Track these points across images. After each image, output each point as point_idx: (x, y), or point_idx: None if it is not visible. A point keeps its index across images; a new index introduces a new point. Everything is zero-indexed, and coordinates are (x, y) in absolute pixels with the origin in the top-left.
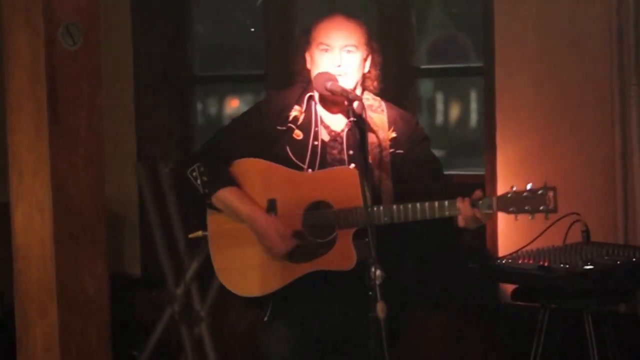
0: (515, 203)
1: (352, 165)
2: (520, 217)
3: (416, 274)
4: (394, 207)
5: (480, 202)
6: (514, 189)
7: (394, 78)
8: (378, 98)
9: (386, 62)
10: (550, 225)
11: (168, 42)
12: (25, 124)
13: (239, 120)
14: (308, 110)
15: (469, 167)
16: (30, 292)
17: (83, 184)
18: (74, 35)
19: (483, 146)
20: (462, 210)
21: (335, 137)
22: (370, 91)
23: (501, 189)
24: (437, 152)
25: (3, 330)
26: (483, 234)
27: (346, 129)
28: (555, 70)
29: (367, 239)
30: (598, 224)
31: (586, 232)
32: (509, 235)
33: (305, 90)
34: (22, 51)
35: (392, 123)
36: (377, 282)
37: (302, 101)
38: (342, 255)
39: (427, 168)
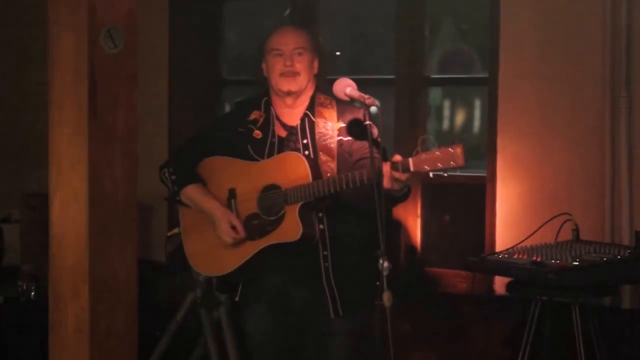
0: (428, 162)
1: (307, 152)
2: (515, 215)
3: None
4: (330, 179)
5: (400, 164)
6: (425, 149)
7: (407, 85)
8: (329, 97)
9: (401, 71)
10: (544, 224)
11: (201, 48)
12: (66, 119)
13: (206, 130)
14: (267, 112)
15: (472, 169)
16: (63, 276)
17: (117, 177)
18: (115, 39)
19: (485, 150)
20: (384, 173)
21: (290, 130)
22: (320, 90)
23: (500, 188)
24: None
25: (37, 311)
26: (482, 230)
27: (299, 122)
28: (553, 82)
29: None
30: (587, 224)
31: (576, 231)
32: (506, 232)
33: (263, 96)
34: (67, 52)
35: (340, 116)
36: (385, 273)
37: (261, 105)
38: (290, 227)
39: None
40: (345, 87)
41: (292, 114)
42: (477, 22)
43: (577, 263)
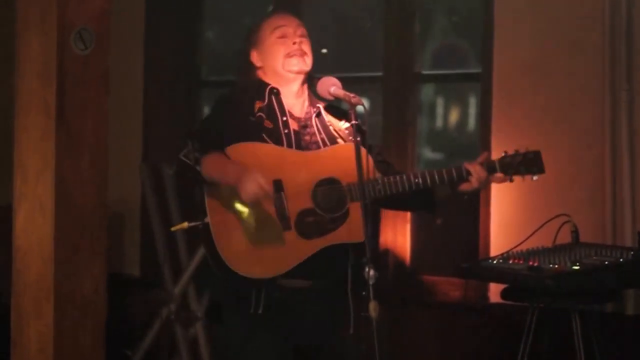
0: (513, 166)
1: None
2: (511, 217)
3: None
4: (409, 175)
5: (485, 163)
6: (506, 153)
7: (396, 82)
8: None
9: (390, 67)
10: (541, 226)
11: (177, 47)
12: (32, 124)
13: (218, 111)
14: (270, 103)
15: None
16: (27, 292)
17: (86, 186)
18: (85, 40)
19: (479, 149)
20: (475, 172)
21: (304, 123)
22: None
23: (494, 189)
24: (436, 154)
25: None
26: (476, 234)
27: (313, 115)
28: (549, 76)
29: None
30: (587, 225)
31: (575, 233)
32: (501, 235)
33: (261, 85)
34: (34, 53)
35: (342, 116)
36: (371, 282)
37: (263, 95)
38: (356, 227)
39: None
40: (330, 86)
41: (297, 105)
42: (470, 14)
43: (576, 267)
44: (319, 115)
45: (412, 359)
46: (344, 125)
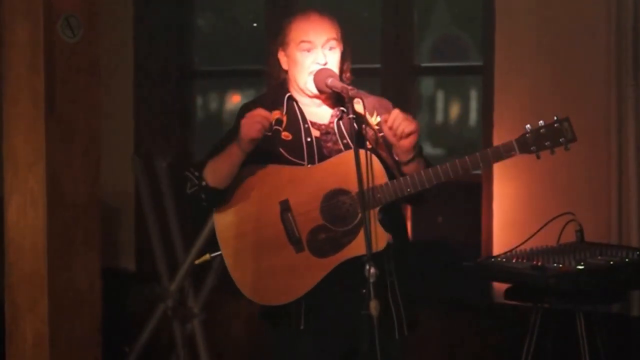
0: (535, 142)
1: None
2: (514, 216)
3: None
4: (433, 170)
5: (502, 147)
6: (529, 127)
7: (395, 75)
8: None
9: (387, 59)
10: (545, 225)
11: (169, 36)
12: (21, 115)
13: (236, 126)
14: (291, 111)
15: None
16: (21, 285)
17: (78, 177)
18: (73, 28)
19: (481, 144)
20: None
21: (325, 130)
22: (345, 83)
23: (497, 187)
24: (437, 150)
25: None
26: (479, 232)
27: (335, 119)
28: (553, 69)
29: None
30: (592, 224)
31: (580, 232)
32: (504, 234)
33: (281, 92)
34: (21, 42)
35: (372, 109)
36: (371, 280)
37: (281, 103)
38: (373, 236)
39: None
40: (327, 77)
41: (319, 112)
42: (471, 5)
43: (581, 267)
44: (341, 118)
45: (414, 358)
46: (375, 120)
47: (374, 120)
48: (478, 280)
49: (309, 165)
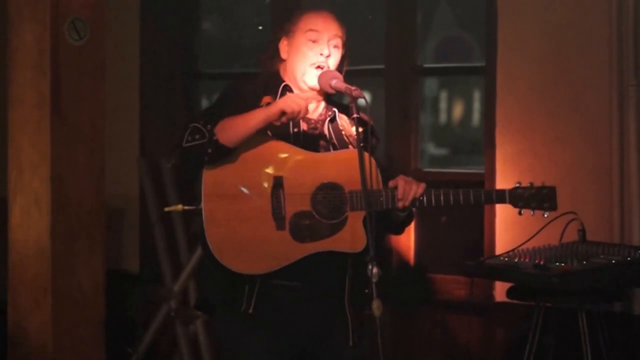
0: (524, 199)
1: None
2: (516, 215)
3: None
4: (440, 191)
5: (494, 193)
6: (519, 185)
7: (398, 75)
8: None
9: (391, 60)
10: (547, 224)
11: (175, 38)
12: (27, 117)
13: (222, 101)
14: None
15: (470, 165)
16: (24, 287)
17: (83, 179)
18: (79, 30)
19: (484, 144)
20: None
21: (313, 125)
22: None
23: (500, 186)
24: (440, 150)
25: None
26: (481, 231)
27: (327, 119)
28: (556, 70)
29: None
30: (594, 223)
31: (582, 231)
32: (506, 233)
33: (274, 80)
34: (28, 44)
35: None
36: (374, 280)
37: (274, 90)
38: (353, 236)
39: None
40: (331, 78)
41: (310, 107)
42: (474, 5)
43: (583, 266)
44: (333, 120)
45: (417, 358)
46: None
47: (353, 131)
48: (481, 280)
49: (313, 153)
